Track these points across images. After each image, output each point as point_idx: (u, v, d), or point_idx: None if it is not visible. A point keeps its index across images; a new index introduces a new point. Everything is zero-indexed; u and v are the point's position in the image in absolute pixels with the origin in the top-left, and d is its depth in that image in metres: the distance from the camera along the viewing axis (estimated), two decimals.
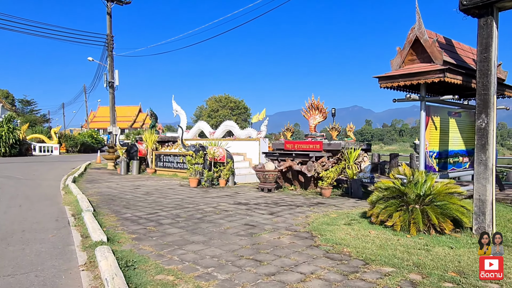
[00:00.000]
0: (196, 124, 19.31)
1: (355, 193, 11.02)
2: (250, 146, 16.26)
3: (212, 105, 67.04)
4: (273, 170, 11.84)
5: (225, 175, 13.19)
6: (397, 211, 6.25)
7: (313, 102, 13.30)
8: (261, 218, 7.39)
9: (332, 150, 12.56)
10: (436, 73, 6.29)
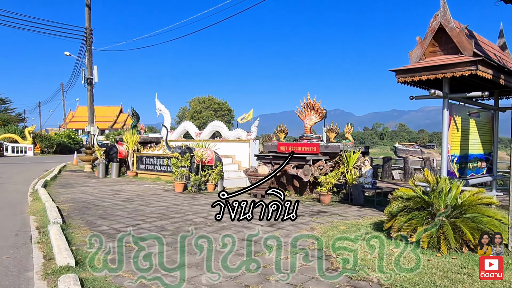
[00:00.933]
0: (181, 124, 18.19)
1: (356, 200, 10.16)
2: (239, 148, 15.24)
3: (195, 106, 65.76)
4: (266, 174, 10.86)
5: (213, 180, 12.13)
6: (422, 225, 5.37)
7: (308, 102, 12.41)
8: (260, 231, 6.39)
9: (330, 153, 11.69)
10: (466, 66, 5.47)
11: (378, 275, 4.26)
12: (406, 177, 17.87)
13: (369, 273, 4.33)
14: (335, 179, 10.25)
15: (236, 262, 4.68)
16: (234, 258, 4.88)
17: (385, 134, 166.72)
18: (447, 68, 5.65)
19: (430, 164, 17.12)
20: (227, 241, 5.63)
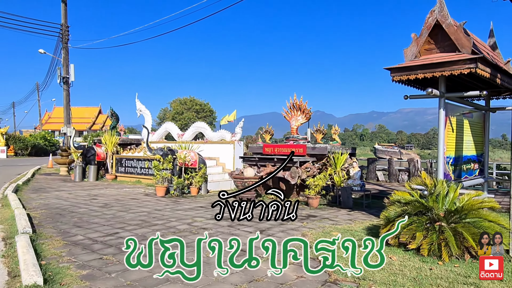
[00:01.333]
0: (163, 125, 17.60)
1: (345, 203, 9.89)
2: (223, 150, 14.80)
3: (176, 108, 64.81)
4: (253, 177, 10.48)
5: (197, 183, 11.65)
6: (421, 231, 5.09)
7: (295, 102, 12.10)
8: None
9: (317, 154, 11.40)
10: (465, 63, 5.23)
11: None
12: (391, 178, 17.84)
13: (371, 287, 3.99)
14: (324, 181, 9.96)
15: (226, 276, 4.26)
16: (221, 270, 4.46)
17: (365, 135, 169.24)
18: (445, 66, 5.40)
19: (415, 165, 17.12)
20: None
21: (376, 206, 10.27)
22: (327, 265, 4.08)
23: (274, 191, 6.33)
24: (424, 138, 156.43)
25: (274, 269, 4.12)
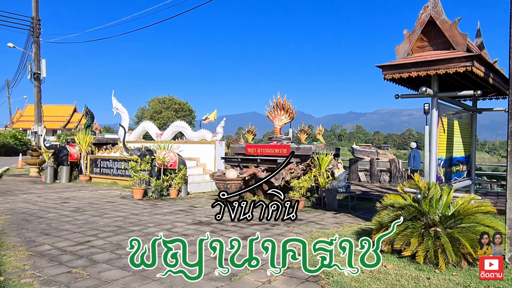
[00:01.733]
0: (141, 124, 16.93)
1: (330, 205, 9.64)
2: (204, 150, 14.33)
3: (155, 106, 63.56)
4: (236, 178, 10.09)
5: (177, 184, 11.16)
6: (416, 237, 4.83)
7: (278, 101, 11.78)
8: (234, 246, 5.59)
9: (301, 155, 11.12)
10: (461, 61, 5.02)
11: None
12: (373, 179, 17.81)
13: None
14: (309, 183, 9.67)
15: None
16: (207, 285, 4.07)
17: (343, 135, 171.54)
18: (439, 64, 5.18)
19: (396, 165, 17.13)
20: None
21: (361, 208, 10.07)
22: (325, 265, 4.14)
23: (274, 191, 6.33)
24: (400, 139, 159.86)
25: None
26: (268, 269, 4.30)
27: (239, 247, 4.33)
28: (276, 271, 4.21)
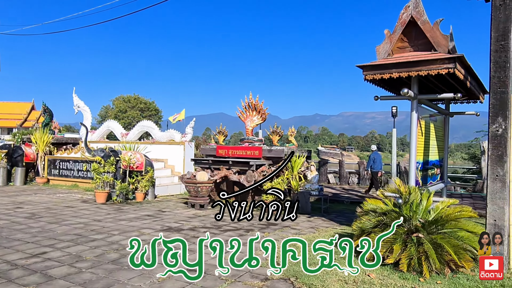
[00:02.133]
0: (105, 123, 16.06)
1: (303, 208, 9.43)
2: (173, 151, 13.76)
3: (119, 105, 61.46)
4: (207, 181, 9.66)
5: (143, 187, 10.56)
6: (398, 243, 4.67)
7: (250, 102, 11.48)
8: (207, 255, 5.21)
9: (273, 157, 10.87)
10: (444, 63, 4.92)
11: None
12: (341, 181, 17.91)
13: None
14: (283, 186, 9.42)
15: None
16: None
17: (309, 137, 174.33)
18: (421, 65, 5.07)
19: (365, 167, 17.31)
20: (167, 274, 4.35)
21: (333, 211, 9.96)
22: (325, 265, 4.15)
23: (274, 190, 6.17)
24: (363, 141, 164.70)
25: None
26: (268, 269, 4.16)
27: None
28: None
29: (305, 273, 4.27)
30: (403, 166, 16.49)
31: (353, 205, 11.77)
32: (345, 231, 6.91)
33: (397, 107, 16.73)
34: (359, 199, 12.51)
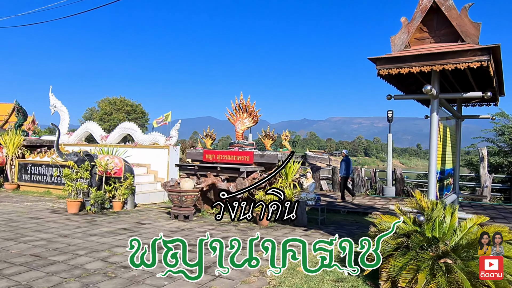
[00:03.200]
0: (83, 125, 14.94)
1: (299, 220, 8.56)
2: (156, 156, 12.75)
3: (105, 108, 59.99)
4: (192, 189, 8.72)
5: (121, 196, 9.55)
6: (423, 272, 3.82)
7: (241, 103, 10.60)
8: (191, 284, 4.28)
9: (266, 163, 9.99)
10: (475, 55, 4.12)
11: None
12: (335, 188, 17.12)
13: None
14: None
15: None
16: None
17: (297, 141, 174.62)
18: (448, 57, 4.27)
19: (359, 174, 16.58)
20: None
21: (331, 223, 9.12)
22: (325, 265, 4.17)
23: (274, 191, 5.31)
24: (350, 146, 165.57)
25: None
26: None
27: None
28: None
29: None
30: (398, 173, 15.81)
31: (350, 215, 10.98)
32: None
33: (393, 111, 16.07)
34: (356, 208, 11.72)
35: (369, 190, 16.18)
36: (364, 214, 10.90)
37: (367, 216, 10.58)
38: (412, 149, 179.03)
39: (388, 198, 14.83)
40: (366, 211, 11.18)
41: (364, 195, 15.89)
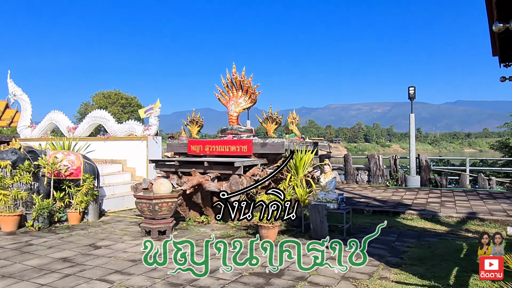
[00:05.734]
0: (47, 115, 12.48)
1: (317, 231, 6.22)
2: (133, 149, 10.37)
3: (99, 102, 57.87)
4: (169, 195, 6.32)
5: (79, 204, 7.18)
6: None
7: (234, 78, 8.18)
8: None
9: (269, 154, 7.63)
10: None
11: None
12: (348, 179, 14.78)
13: None
14: (289, 197, 6.14)
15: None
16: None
17: None
18: None
19: (376, 162, 14.23)
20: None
21: (358, 230, 6.77)
22: (317, 263, 4.29)
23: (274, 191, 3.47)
24: (350, 132, 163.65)
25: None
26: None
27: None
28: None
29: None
30: (424, 160, 13.44)
31: (378, 216, 8.65)
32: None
33: (415, 87, 13.64)
34: (382, 206, 9.38)
35: (389, 180, 13.85)
36: (394, 214, 8.57)
37: (399, 217, 8.27)
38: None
39: (414, 189, 12.50)
40: (396, 209, 8.86)
41: (383, 186, 13.57)
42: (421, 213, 8.37)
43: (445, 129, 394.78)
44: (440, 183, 12.90)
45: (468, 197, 10.68)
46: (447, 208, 8.84)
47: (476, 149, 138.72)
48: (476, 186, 12.84)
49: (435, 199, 10.30)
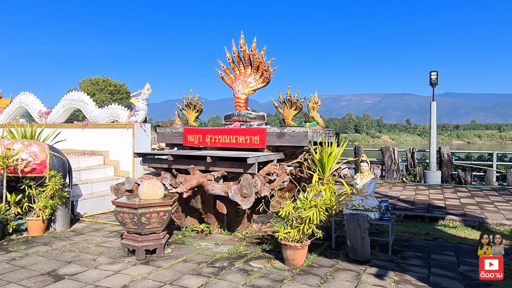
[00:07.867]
0: (16, 98, 10.64)
1: (356, 251, 4.71)
2: (116, 139, 8.69)
3: (87, 88, 55.44)
4: (160, 201, 4.69)
5: (42, 210, 5.51)
6: None
7: (243, 51, 6.49)
8: None
9: (287, 146, 6.04)
10: None
11: None
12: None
13: None
14: (322, 211, 4.55)
15: None
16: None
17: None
18: None
19: (391, 155, 12.78)
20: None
21: (402, 245, 5.28)
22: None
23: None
24: (341, 123, 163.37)
25: None
26: None
27: None
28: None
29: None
30: (445, 154, 12.03)
31: (411, 222, 7.16)
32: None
33: (437, 72, 12.15)
34: (413, 209, 7.92)
35: (405, 176, 12.43)
36: (432, 220, 7.13)
37: (438, 224, 6.83)
38: (402, 125, 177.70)
39: (436, 187, 11.11)
40: (432, 213, 7.41)
41: (400, 182, 12.16)
42: (464, 219, 6.94)
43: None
44: (465, 180, 11.54)
45: (503, 197, 9.34)
46: (491, 213, 7.44)
47: (464, 140, 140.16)
48: (504, 184, 11.49)
49: (468, 200, 8.92)
